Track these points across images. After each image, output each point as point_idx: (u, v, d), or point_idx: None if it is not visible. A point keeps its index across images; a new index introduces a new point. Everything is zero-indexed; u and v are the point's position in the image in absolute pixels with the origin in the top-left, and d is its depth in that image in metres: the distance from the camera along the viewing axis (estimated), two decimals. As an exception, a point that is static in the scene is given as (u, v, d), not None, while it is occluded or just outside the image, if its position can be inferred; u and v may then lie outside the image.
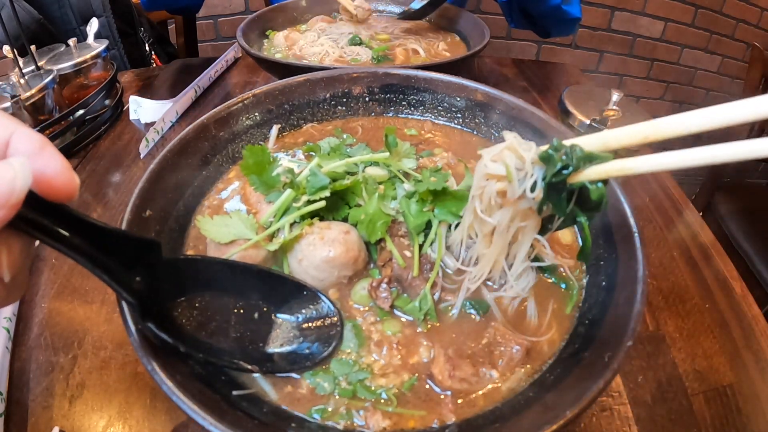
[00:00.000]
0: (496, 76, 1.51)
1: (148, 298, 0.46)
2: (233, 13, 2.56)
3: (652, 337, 0.73)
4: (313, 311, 0.56)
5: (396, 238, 0.63)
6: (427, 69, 0.88)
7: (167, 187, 0.68)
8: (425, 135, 0.87)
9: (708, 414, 0.64)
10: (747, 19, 2.87)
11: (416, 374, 0.53)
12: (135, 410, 0.62)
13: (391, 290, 0.58)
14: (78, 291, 0.78)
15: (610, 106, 0.90)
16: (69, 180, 0.37)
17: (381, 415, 0.49)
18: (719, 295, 0.80)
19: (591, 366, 0.48)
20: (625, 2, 2.69)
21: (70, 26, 1.61)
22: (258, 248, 0.59)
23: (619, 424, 0.61)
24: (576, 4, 1.42)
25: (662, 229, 0.93)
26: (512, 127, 0.81)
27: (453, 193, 0.62)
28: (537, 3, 1.39)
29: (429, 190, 0.62)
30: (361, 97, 0.90)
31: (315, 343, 0.54)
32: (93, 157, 1.10)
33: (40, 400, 0.63)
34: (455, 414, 0.50)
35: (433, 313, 0.57)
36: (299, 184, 0.63)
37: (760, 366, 0.69)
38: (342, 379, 0.52)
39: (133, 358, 0.67)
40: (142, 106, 1.22)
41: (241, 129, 0.81)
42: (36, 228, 0.37)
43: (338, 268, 0.58)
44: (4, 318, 0.69)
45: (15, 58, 1.09)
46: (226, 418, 0.43)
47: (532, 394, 0.50)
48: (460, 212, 0.60)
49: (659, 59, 2.93)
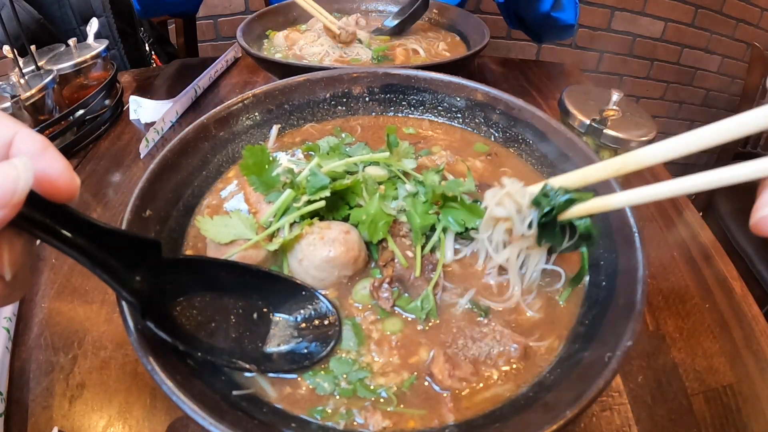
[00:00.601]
0: (496, 76, 1.51)
1: (148, 297, 0.46)
2: (233, 13, 2.56)
3: (652, 337, 0.73)
4: (312, 311, 0.56)
5: (397, 238, 0.63)
6: (427, 69, 0.88)
7: (167, 187, 0.68)
8: (423, 133, 0.87)
9: (708, 414, 0.64)
10: (747, 19, 2.87)
11: (415, 373, 0.53)
12: (135, 410, 0.62)
13: (392, 290, 0.59)
14: (78, 291, 0.78)
15: (610, 106, 0.90)
16: (70, 181, 0.37)
17: (381, 415, 0.49)
18: (719, 295, 0.80)
19: (591, 366, 0.48)
20: (625, 2, 2.69)
21: (70, 26, 1.61)
22: (258, 248, 0.59)
23: (619, 424, 0.61)
24: (570, 10, 1.41)
25: (662, 229, 0.93)
26: (512, 127, 0.82)
27: (463, 202, 0.63)
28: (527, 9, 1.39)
29: (440, 194, 0.62)
30: (361, 97, 0.90)
31: (313, 343, 0.54)
32: (93, 157, 1.10)
33: (40, 400, 0.63)
34: (455, 414, 0.50)
35: (435, 312, 0.57)
36: (299, 184, 0.63)
37: (760, 366, 0.69)
38: (342, 378, 0.52)
39: (133, 357, 0.67)
40: (142, 106, 1.22)
41: (241, 129, 0.81)
42: (37, 227, 0.37)
43: (339, 268, 0.58)
44: (4, 318, 0.69)
45: (15, 58, 1.09)
46: (226, 417, 0.43)
47: (532, 394, 0.50)
48: (467, 223, 0.62)
49: (659, 59, 2.93)
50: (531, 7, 1.36)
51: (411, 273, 0.60)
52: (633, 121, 0.89)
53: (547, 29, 1.49)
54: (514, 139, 0.82)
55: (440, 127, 0.89)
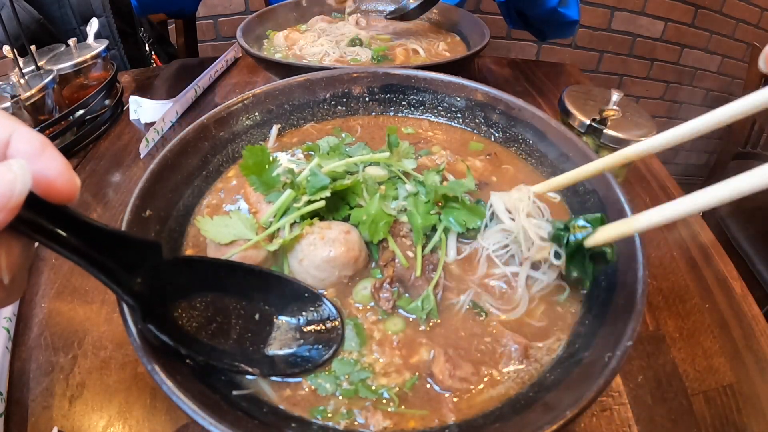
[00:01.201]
0: (496, 76, 1.51)
1: (149, 299, 0.46)
2: (233, 13, 2.56)
3: (652, 337, 0.73)
4: (315, 314, 0.56)
5: (398, 238, 0.63)
6: (427, 69, 0.88)
7: (167, 187, 0.68)
8: (423, 134, 0.87)
9: (708, 414, 0.64)
10: (747, 19, 2.87)
11: (417, 373, 0.53)
12: (135, 410, 0.62)
13: (393, 290, 0.59)
14: (78, 291, 0.78)
15: (610, 106, 0.90)
16: (69, 181, 0.36)
17: (382, 415, 0.49)
18: (719, 295, 0.80)
19: (591, 366, 0.48)
20: (625, 2, 2.69)
21: (70, 26, 1.61)
22: (258, 248, 0.59)
23: (619, 424, 0.61)
24: (574, 6, 1.41)
25: (662, 229, 0.93)
26: (512, 127, 0.82)
27: (464, 202, 0.63)
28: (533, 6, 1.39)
29: (441, 195, 0.62)
30: (361, 97, 0.90)
31: (316, 346, 0.53)
32: (93, 157, 1.10)
33: (40, 400, 0.63)
34: (455, 414, 0.50)
35: (435, 312, 0.57)
36: (299, 185, 0.63)
37: (760, 366, 0.69)
38: (344, 379, 0.52)
39: (133, 358, 0.67)
40: (142, 106, 1.22)
41: (241, 129, 0.81)
42: (36, 230, 0.36)
43: (339, 268, 0.58)
44: (4, 318, 0.69)
45: (15, 58, 1.09)
46: (226, 418, 0.43)
47: (532, 394, 0.50)
48: (468, 224, 0.62)
49: (659, 59, 2.93)
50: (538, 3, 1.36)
51: (411, 273, 0.60)
52: (633, 121, 0.89)
53: (552, 25, 1.48)
54: (514, 139, 0.82)
55: (440, 127, 0.89)
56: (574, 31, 1.56)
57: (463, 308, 0.58)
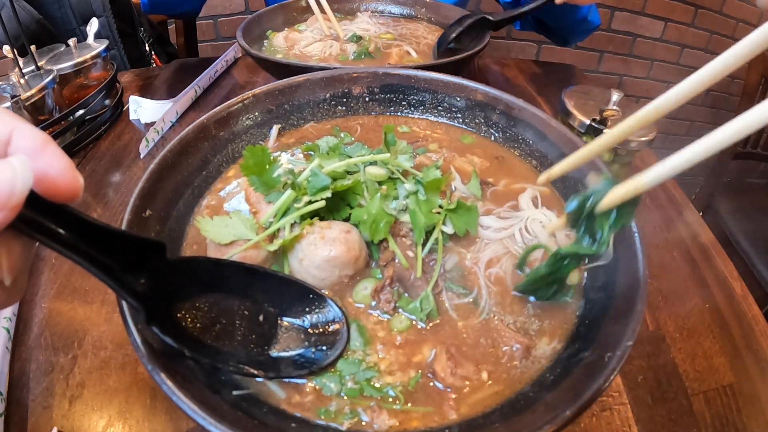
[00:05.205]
0: (496, 76, 1.51)
1: (153, 301, 0.45)
2: (233, 13, 2.55)
3: (652, 337, 0.73)
4: (320, 315, 0.55)
5: (398, 238, 0.63)
6: (427, 69, 0.88)
7: (167, 187, 0.67)
8: (422, 132, 0.87)
9: (708, 414, 0.64)
10: (747, 19, 2.87)
11: (420, 371, 0.53)
12: (135, 410, 0.62)
13: (393, 290, 0.59)
14: (78, 291, 0.78)
15: (610, 106, 0.90)
16: (72, 180, 0.35)
17: (387, 414, 0.49)
18: (719, 295, 0.80)
19: (591, 366, 0.48)
20: (625, 2, 2.69)
21: (70, 26, 1.60)
22: (258, 249, 0.59)
23: (619, 424, 0.61)
24: (595, 12, 1.42)
25: (662, 229, 0.93)
26: (512, 127, 0.82)
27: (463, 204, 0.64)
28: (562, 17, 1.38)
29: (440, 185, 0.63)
30: (360, 97, 0.90)
31: (321, 347, 0.53)
32: (93, 157, 1.10)
33: (40, 400, 0.63)
34: (457, 412, 0.50)
35: (435, 313, 0.57)
36: (300, 185, 0.63)
37: (760, 366, 0.69)
38: (349, 378, 0.52)
39: (133, 358, 0.67)
40: (142, 106, 1.22)
41: (241, 129, 0.81)
42: (37, 230, 0.35)
43: (339, 268, 0.58)
44: (4, 318, 0.69)
45: (15, 58, 1.09)
46: (226, 418, 0.43)
47: (532, 394, 0.50)
48: (467, 226, 0.62)
49: (659, 59, 2.93)
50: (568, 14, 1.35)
51: (411, 273, 0.60)
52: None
53: (577, 32, 1.49)
54: (514, 139, 0.82)
55: (440, 126, 0.89)
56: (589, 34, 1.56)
57: (463, 308, 0.58)
